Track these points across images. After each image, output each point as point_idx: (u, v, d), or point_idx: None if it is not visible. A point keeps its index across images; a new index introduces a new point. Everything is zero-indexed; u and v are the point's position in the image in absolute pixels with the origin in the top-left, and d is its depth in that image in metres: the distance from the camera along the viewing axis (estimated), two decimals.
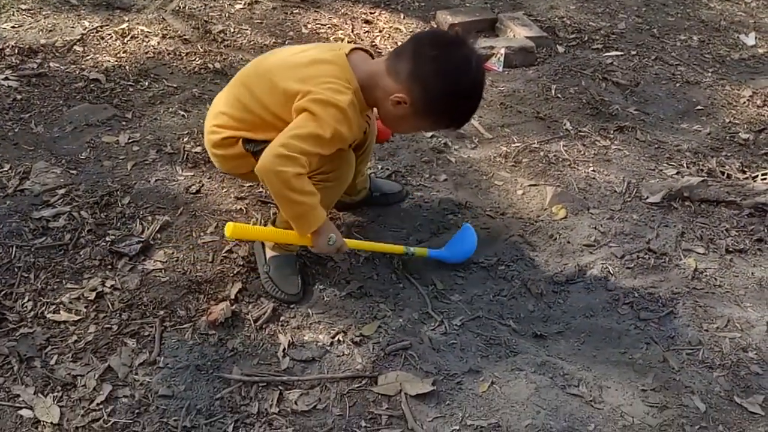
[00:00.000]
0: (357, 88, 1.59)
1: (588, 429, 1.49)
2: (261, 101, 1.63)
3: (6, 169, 2.08)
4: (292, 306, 1.75)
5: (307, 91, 1.55)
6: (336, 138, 1.55)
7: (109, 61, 2.74)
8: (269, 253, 1.80)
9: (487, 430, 1.47)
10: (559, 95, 2.78)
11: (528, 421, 1.49)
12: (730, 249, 2.02)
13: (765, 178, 2.26)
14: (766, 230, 2.10)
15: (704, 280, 1.91)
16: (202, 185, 2.12)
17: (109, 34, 2.92)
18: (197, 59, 2.83)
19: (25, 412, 1.42)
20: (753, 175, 2.33)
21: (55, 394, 1.46)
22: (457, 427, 1.47)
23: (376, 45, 3.13)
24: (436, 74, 1.55)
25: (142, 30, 2.99)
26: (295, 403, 1.51)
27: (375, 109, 1.72)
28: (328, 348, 1.65)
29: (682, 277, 1.91)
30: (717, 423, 1.52)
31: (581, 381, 1.60)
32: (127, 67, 2.71)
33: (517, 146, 2.45)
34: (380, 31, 3.26)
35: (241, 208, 2.04)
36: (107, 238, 1.86)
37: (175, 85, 2.64)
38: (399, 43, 3.15)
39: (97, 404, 1.45)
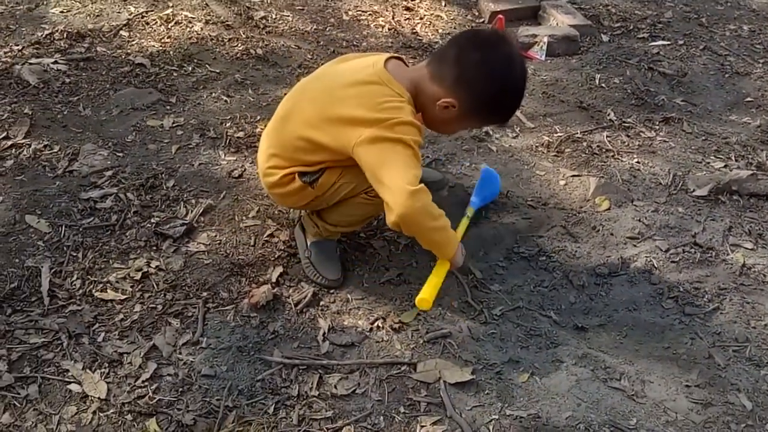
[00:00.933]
0: (409, 98, 1.60)
1: (630, 423, 1.46)
2: (310, 135, 1.62)
3: (56, 150, 2.13)
4: (332, 291, 1.76)
5: (373, 120, 1.53)
6: (418, 147, 1.57)
7: (153, 46, 2.79)
8: (310, 239, 1.81)
9: (526, 420, 1.46)
10: (603, 85, 2.72)
11: (568, 414, 1.47)
12: None
13: None
14: None
15: (752, 276, 1.86)
16: (245, 170, 2.14)
17: (154, 20, 2.96)
18: (239, 45, 2.86)
19: (74, 387, 1.47)
20: None
21: (103, 370, 1.51)
22: (497, 417, 1.47)
23: (416, 32, 3.12)
24: (482, 77, 1.57)
25: (185, 15, 3.03)
26: (335, 386, 1.52)
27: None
28: (368, 334, 1.66)
29: (729, 272, 1.86)
30: (764, 422, 1.48)
31: (623, 375, 1.57)
32: (171, 52, 2.75)
33: (560, 136, 2.41)
34: (421, 19, 3.24)
35: None
36: (152, 220, 1.90)
37: (218, 71, 2.67)
38: (440, 31, 3.13)
39: (143, 381, 1.49)
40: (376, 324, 1.68)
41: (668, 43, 3.07)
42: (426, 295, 1.62)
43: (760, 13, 3.49)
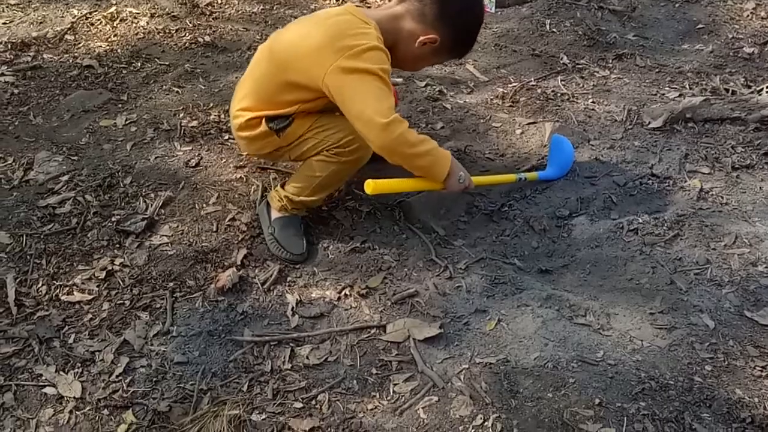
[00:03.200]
0: (375, 25, 1.62)
1: (597, 356, 1.49)
2: (285, 76, 1.65)
3: (10, 162, 2.12)
4: (297, 266, 1.78)
5: (339, 48, 1.55)
6: (388, 75, 1.60)
7: (100, 46, 2.76)
8: (274, 215, 1.83)
9: (496, 366, 1.49)
10: (554, 30, 2.72)
11: (536, 354, 1.50)
12: (737, 166, 1.98)
13: None
14: None
15: (710, 199, 1.88)
16: (201, 158, 2.14)
17: (99, 20, 2.92)
18: (187, 35, 2.83)
19: (49, 390, 1.48)
20: (758, 88, 2.26)
21: (76, 370, 1.52)
22: (467, 366, 1.50)
23: (367, 1, 3.09)
24: (463, 11, 1.66)
25: (130, 12, 2.99)
26: (307, 357, 1.55)
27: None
28: (336, 303, 1.68)
29: (687, 198, 1.88)
30: (727, 338, 1.51)
31: (588, 310, 1.60)
32: (119, 50, 2.72)
33: (514, 86, 2.41)
34: None
35: (241, 177, 2.06)
36: (113, 219, 1.90)
37: (167, 63, 2.65)
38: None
39: (116, 376, 1.51)
40: (343, 293, 1.70)
41: None
42: (374, 181, 1.65)
43: None
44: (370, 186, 1.67)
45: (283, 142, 1.71)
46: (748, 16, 2.77)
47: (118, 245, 1.83)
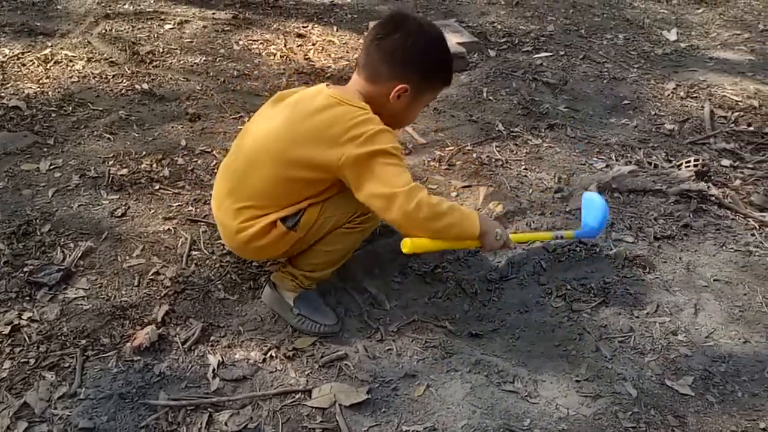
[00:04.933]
0: (366, 104, 1.59)
1: (524, 425, 1.48)
2: (289, 173, 1.58)
3: None
4: (222, 325, 1.70)
5: (349, 138, 1.51)
6: (400, 152, 1.57)
7: (30, 87, 2.66)
8: (291, 296, 1.72)
9: None
10: (491, 98, 2.81)
11: (464, 422, 1.47)
12: (658, 236, 2.06)
13: (689, 166, 2.31)
14: (691, 216, 2.15)
15: (634, 268, 1.94)
16: (128, 207, 2.06)
17: (31, 60, 2.84)
18: (124, 81, 2.78)
19: None
20: (678, 163, 2.39)
21: None
22: None
23: (309, 58, 3.13)
24: (411, 48, 1.59)
25: (66, 54, 2.92)
26: (225, 424, 1.46)
27: None
28: (260, 365, 1.61)
29: (612, 266, 1.94)
30: (649, 407, 1.53)
31: (516, 377, 1.59)
32: (50, 93, 2.64)
33: (451, 150, 2.46)
34: (313, 44, 3.25)
35: (169, 229, 1.99)
36: (25, 269, 1.79)
37: (101, 109, 2.58)
38: (333, 56, 3.15)
39: None
40: (269, 354, 1.64)
41: (551, 54, 3.22)
42: (411, 240, 1.57)
43: (633, 22, 3.72)
44: (407, 245, 1.57)
45: (301, 233, 1.62)
46: (668, 95, 2.96)
47: (28, 298, 1.72)
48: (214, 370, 1.58)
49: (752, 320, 1.80)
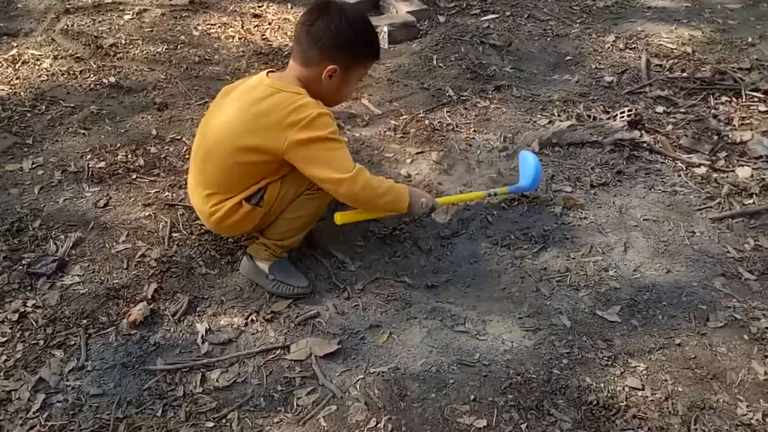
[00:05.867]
0: (305, 92, 1.77)
1: (474, 358, 1.72)
2: (240, 159, 1.76)
3: None
4: (206, 297, 1.91)
5: (289, 124, 1.70)
6: (338, 134, 1.77)
7: (3, 89, 2.79)
8: (266, 264, 1.93)
9: (387, 374, 1.69)
10: (441, 64, 2.99)
11: (422, 360, 1.71)
12: (594, 184, 2.29)
13: (623, 116, 2.53)
14: (624, 163, 2.37)
15: (571, 215, 2.17)
16: (110, 198, 2.24)
17: None
18: (91, 76, 2.91)
19: None
20: (614, 114, 2.60)
21: None
22: (362, 376, 1.68)
23: (266, 38, 3.26)
24: (336, 30, 1.75)
25: (32, 54, 3.03)
26: (217, 380, 1.69)
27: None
28: (243, 328, 1.83)
29: (552, 215, 2.16)
30: (581, 335, 1.78)
31: (467, 319, 1.83)
32: (22, 93, 2.76)
33: (405, 118, 2.65)
34: (269, 24, 3.38)
35: (149, 214, 2.18)
36: (23, 262, 1.97)
37: (72, 105, 2.72)
38: (289, 34, 3.29)
39: (33, 413, 1.59)
40: (250, 318, 1.85)
41: (497, 16, 3.38)
42: (341, 214, 1.86)
43: None
44: (338, 218, 1.87)
45: (265, 208, 1.84)
46: (609, 47, 3.15)
47: (29, 287, 1.91)
48: (202, 336, 1.80)
49: (675, 252, 2.04)
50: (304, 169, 1.75)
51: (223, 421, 1.59)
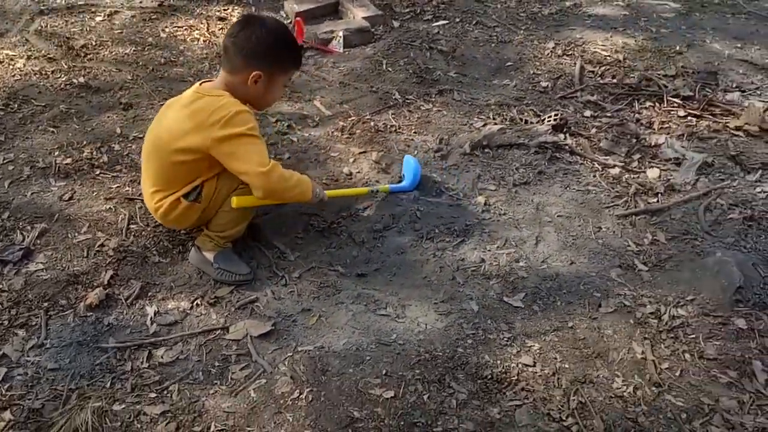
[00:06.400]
0: (228, 95, 1.99)
1: (391, 338, 1.95)
2: (175, 158, 1.99)
3: None
4: (157, 283, 2.13)
5: (211, 123, 1.92)
6: (256, 130, 1.99)
7: None
8: (211, 254, 2.15)
9: (313, 352, 1.92)
10: (390, 68, 3.20)
11: (345, 340, 1.94)
12: (516, 183, 2.52)
13: (549, 120, 2.76)
14: (546, 164, 2.61)
15: (492, 211, 2.40)
16: (74, 192, 2.45)
17: None
18: (62, 76, 3.10)
19: None
20: (542, 118, 2.83)
21: None
22: (291, 354, 1.91)
23: None
24: (256, 40, 1.97)
25: (6, 54, 3.22)
26: (162, 357, 1.91)
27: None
28: (189, 311, 2.05)
29: (474, 211, 2.40)
30: (487, 318, 2.02)
31: (388, 304, 2.06)
32: None
33: (352, 120, 2.86)
34: None
35: (110, 207, 2.39)
36: None
37: (43, 104, 2.92)
38: None
39: None
40: (195, 302, 2.08)
41: (447, 22, 3.60)
42: (237, 199, 2.06)
43: None
44: (234, 202, 2.07)
45: (204, 203, 2.08)
46: (548, 54, 3.37)
47: None
48: (151, 318, 2.02)
49: (581, 246, 2.28)
50: (226, 163, 1.98)
51: (165, 392, 1.81)
